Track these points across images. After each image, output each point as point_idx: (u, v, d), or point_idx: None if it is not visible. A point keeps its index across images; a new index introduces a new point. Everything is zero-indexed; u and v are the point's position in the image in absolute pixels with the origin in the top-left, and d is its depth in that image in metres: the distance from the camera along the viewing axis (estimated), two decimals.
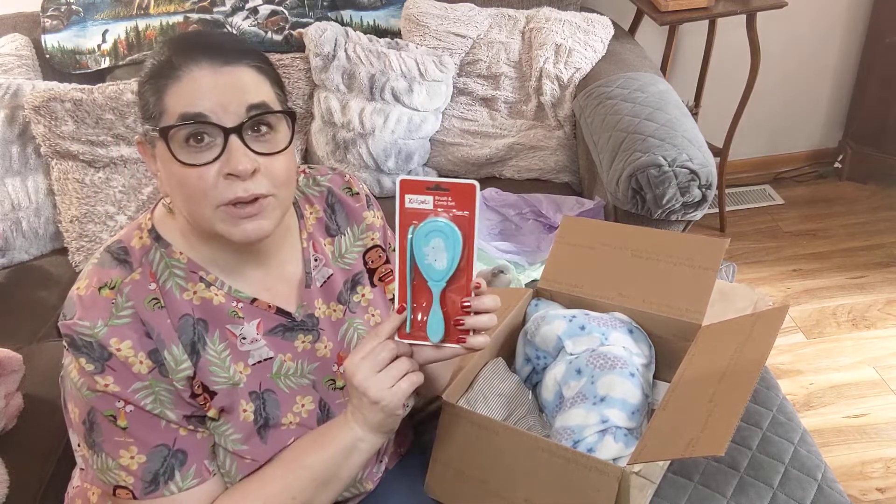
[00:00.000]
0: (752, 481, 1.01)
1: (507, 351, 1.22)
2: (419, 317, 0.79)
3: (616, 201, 1.62)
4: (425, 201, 0.76)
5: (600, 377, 1.05)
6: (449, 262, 0.76)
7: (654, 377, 1.17)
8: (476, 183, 0.76)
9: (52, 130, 1.80)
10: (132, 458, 0.79)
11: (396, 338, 0.80)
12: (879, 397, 1.91)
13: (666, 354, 1.16)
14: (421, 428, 1.16)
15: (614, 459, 0.97)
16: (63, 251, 1.86)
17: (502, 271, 1.51)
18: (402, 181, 0.76)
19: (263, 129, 0.78)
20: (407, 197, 0.76)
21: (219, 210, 0.77)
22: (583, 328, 1.14)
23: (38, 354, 1.44)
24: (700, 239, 1.19)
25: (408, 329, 0.80)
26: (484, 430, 0.99)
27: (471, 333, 0.79)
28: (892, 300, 2.22)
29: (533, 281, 1.50)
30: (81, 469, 0.83)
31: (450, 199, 0.76)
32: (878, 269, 2.35)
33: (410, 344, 0.81)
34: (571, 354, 1.12)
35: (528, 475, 0.95)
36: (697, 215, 1.59)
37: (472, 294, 0.78)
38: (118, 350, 0.77)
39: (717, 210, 2.55)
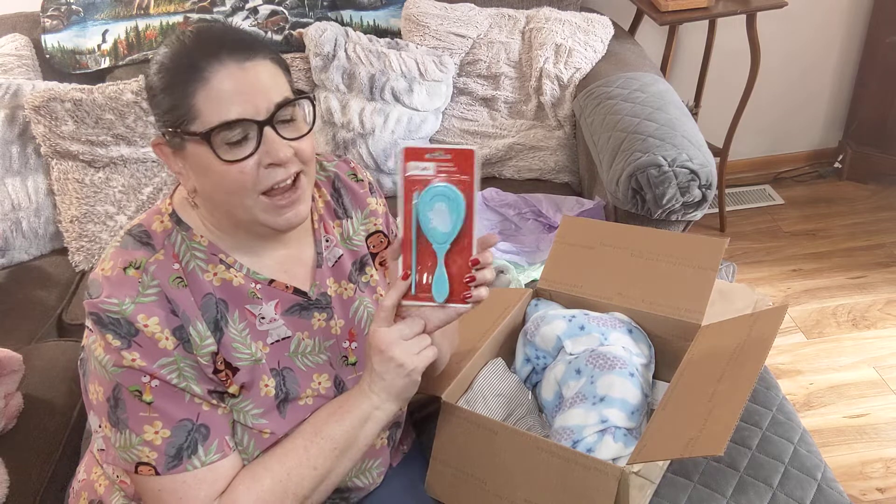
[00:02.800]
0: (751, 481, 1.01)
1: (506, 351, 1.22)
2: (424, 280, 0.82)
3: (616, 201, 1.62)
4: (427, 168, 0.79)
5: (600, 377, 1.05)
6: (452, 225, 0.80)
7: (654, 377, 1.17)
8: (475, 148, 0.79)
9: (52, 130, 1.80)
10: (156, 432, 0.81)
11: (403, 301, 0.83)
12: (879, 397, 1.90)
13: (666, 354, 1.16)
14: (421, 428, 1.17)
15: (614, 459, 0.97)
16: (63, 251, 1.86)
17: (502, 271, 1.51)
18: (406, 149, 0.79)
19: (288, 116, 0.83)
20: (409, 164, 0.79)
21: (260, 199, 0.82)
22: (582, 328, 1.14)
23: (37, 354, 1.44)
24: (700, 239, 1.19)
25: (413, 291, 0.82)
26: (483, 430, 0.99)
27: (472, 288, 0.82)
28: (892, 300, 2.22)
29: (533, 281, 1.50)
30: (101, 450, 0.84)
31: (451, 164, 0.79)
32: (878, 269, 2.35)
33: (415, 306, 0.84)
34: (571, 354, 1.12)
35: (528, 475, 0.95)
36: (697, 215, 1.59)
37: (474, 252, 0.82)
38: (145, 326, 0.80)
39: (717, 210, 2.55)
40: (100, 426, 0.85)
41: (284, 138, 0.81)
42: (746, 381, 0.89)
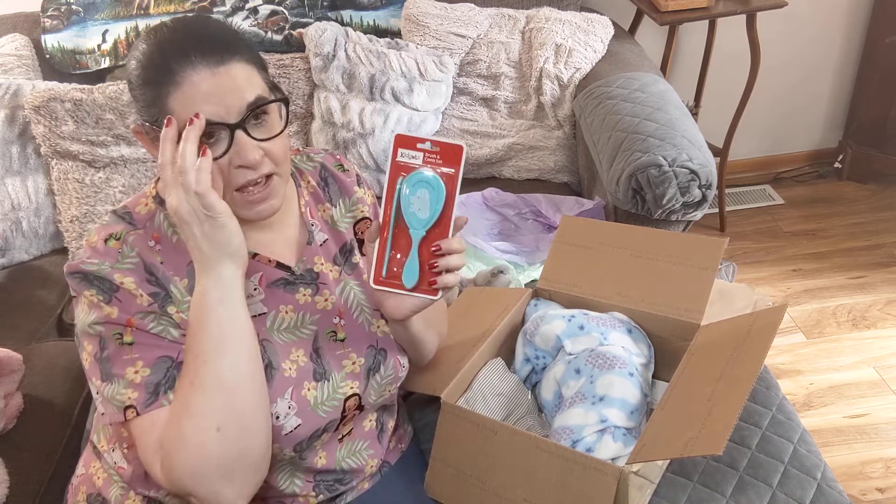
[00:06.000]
0: (751, 481, 1.01)
1: (506, 351, 1.22)
2: (396, 265, 0.84)
3: (616, 201, 1.62)
4: (416, 156, 0.82)
5: (599, 377, 1.05)
6: (431, 213, 0.82)
7: (654, 377, 1.17)
8: (464, 144, 0.82)
9: (52, 130, 1.80)
10: (136, 371, 0.82)
11: (372, 284, 0.84)
12: (879, 397, 1.90)
13: (665, 354, 1.16)
14: (420, 427, 1.17)
15: (613, 459, 0.98)
16: (63, 251, 1.86)
17: (502, 271, 1.50)
18: (398, 136, 0.82)
19: (261, 116, 0.84)
20: (399, 150, 0.82)
21: (234, 194, 0.84)
22: (582, 328, 1.14)
23: (37, 354, 1.44)
24: (700, 239, 1.19)
25: (383, 274, 0.84)
26: (483, 430, 0.99)
27: (442, 275, 0.83)
28: (892, 300, 2.22)
29: (532, 281, 1.50)
30: (102, 414, 0.84)
31: (438, 156, 0.82)
32: (878, 269, 2.35)
33: (385, 291, 0.85)
34: (570, 354, 1.12)
35: (527, 475, 0.95)
36: (697, 215, 1.59)
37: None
38: (122, 283, 0.83)
39: (717, 210, 2.55)
40: (97, 391, 0.85)
41: (255, 139, 0.82)
42: (746, 381, 0.89)
